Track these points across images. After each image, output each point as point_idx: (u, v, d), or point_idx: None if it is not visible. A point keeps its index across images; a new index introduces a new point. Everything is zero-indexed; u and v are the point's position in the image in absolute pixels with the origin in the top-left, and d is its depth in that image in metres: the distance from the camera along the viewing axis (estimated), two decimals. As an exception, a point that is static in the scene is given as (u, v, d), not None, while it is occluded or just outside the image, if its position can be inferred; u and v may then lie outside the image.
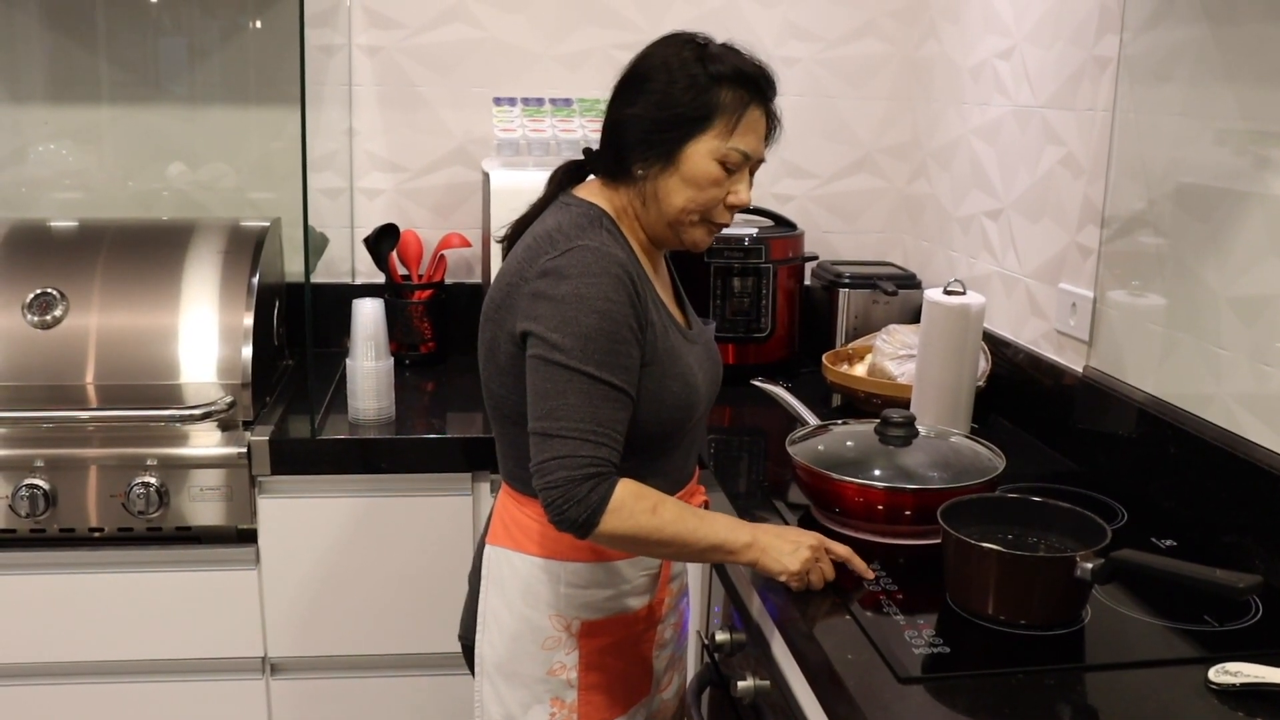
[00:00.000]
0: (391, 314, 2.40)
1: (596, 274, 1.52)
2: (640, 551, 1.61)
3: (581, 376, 1.50)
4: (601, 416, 1.51)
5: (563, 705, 1.70)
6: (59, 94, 2.73)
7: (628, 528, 1.51)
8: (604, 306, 1.51)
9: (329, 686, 2.38)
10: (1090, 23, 2.07)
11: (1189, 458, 1.80)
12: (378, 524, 2.30)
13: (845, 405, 2.43)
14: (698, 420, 1.72)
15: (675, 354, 1.63)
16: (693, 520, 1.57)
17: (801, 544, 1.57)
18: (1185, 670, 1.37)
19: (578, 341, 1.50)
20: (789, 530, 1.61)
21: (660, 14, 2.80)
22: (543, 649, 1.69)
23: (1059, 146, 2.18)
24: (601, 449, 1.51)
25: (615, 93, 1.66)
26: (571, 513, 1.49)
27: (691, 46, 1.62)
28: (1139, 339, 1.95)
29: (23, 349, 2.27)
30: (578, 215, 1.62)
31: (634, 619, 1.74)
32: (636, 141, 1.60)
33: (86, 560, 2.24)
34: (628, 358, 1.54)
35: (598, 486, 1.50)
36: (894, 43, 2.91)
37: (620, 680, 1.75)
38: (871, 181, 2.99)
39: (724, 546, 1.57)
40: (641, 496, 1.53)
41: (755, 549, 1.56)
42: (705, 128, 1.58)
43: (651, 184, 1.62)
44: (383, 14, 2.75)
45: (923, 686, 1.33)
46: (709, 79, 1.58)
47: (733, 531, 1.58)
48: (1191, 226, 1.81)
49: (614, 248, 1.57)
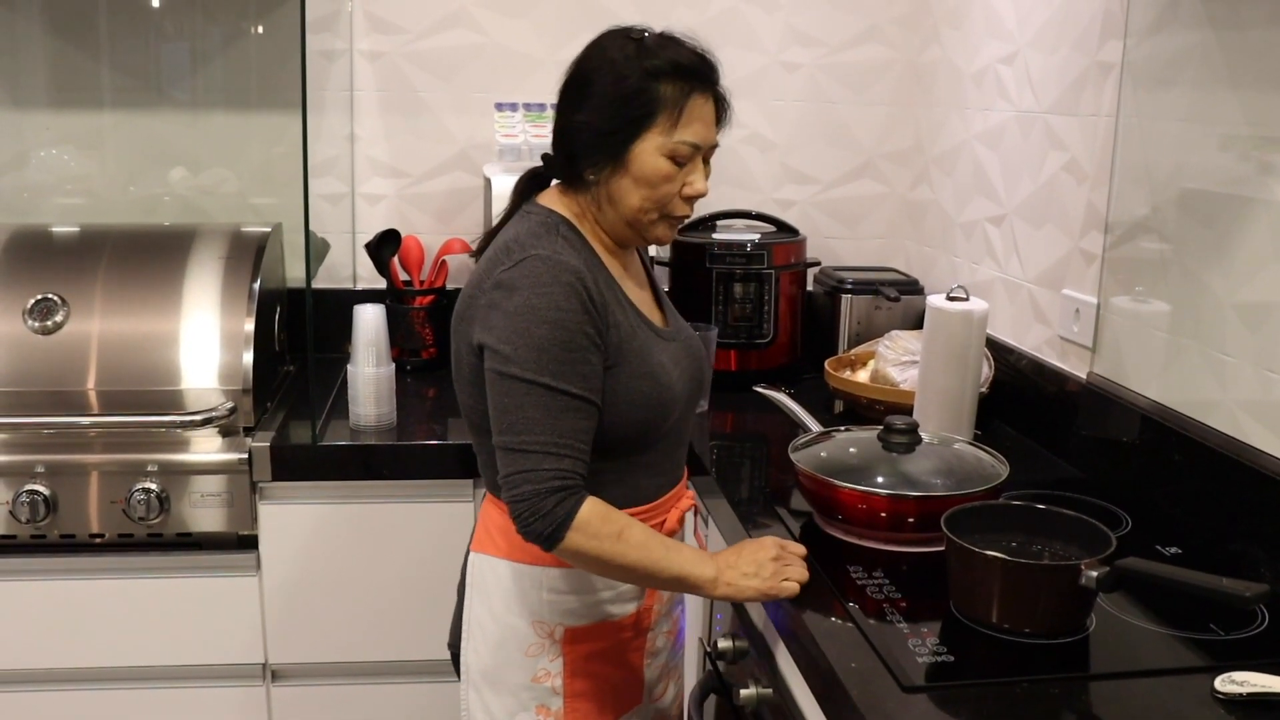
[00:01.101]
0: (393, 320, 2.40)
1: (547, 283, 1.52)
2: (604, 574, 1.60)
3: (538, 388, 1.50)
4: (562, 428, 1.51)
5: (549, 713, 1.69)
6: (61, 99, 2.73)
7: (591, 548, 1.51)
8: (555, 316, 1.51)
9: (330, 693, 2.37)
10: (1094, 28, 2.07)
11: (1194, 465, 1.79)
12: (379, 530, 2.29)
13: (848, 411, 2.42)
14: (678, 418, 1.71)
15: (644, 353, 1.62)
16: (659, 550, 1.56)
17: (761, 559, 1.57)
18: (1191, 680, 1.36)
19: (531, 353, 1.50)
20: (743, 549, 1.60)
21: (661, 19, 2.76)
22: (527, 656, 1.68)
23: (1062, 152, 2.17)
24: (564, 460, 1.50)
25: (560, 97, 1.65)
26: (536, 526, 1.50)
27: (628, 43, 1.60)
28: (1143, 345, 1.94)
29: (24, 354, 2.27)
30: (535, 224, 1.61)
31: (620, 626, 1.72)
32: (584, 146, 1.60)
33: (87, 566, 2.24)
34: (585, 365, 1.53)
35: (563, 501, 1.50)
36: (896, 48, 2.90)
37: (609, 688, 1.73)
38: (874, 187, 2.99)
39: (688, 579, 1.57)
40: (608, 520, 1.53)
41: (722, 584, 1.56)
42: (649, 125, 1.57)
43: (604, 187, 1.61)
44: (384, 19, 2.75)
45: (926, 695, 1.32)
46: (645, 76, 1.56)
47: (698, 565, 1.57)
48: (1196, 232, 1.81)
49: (568, 255, 1.56)
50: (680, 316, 1.82)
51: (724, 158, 2.91)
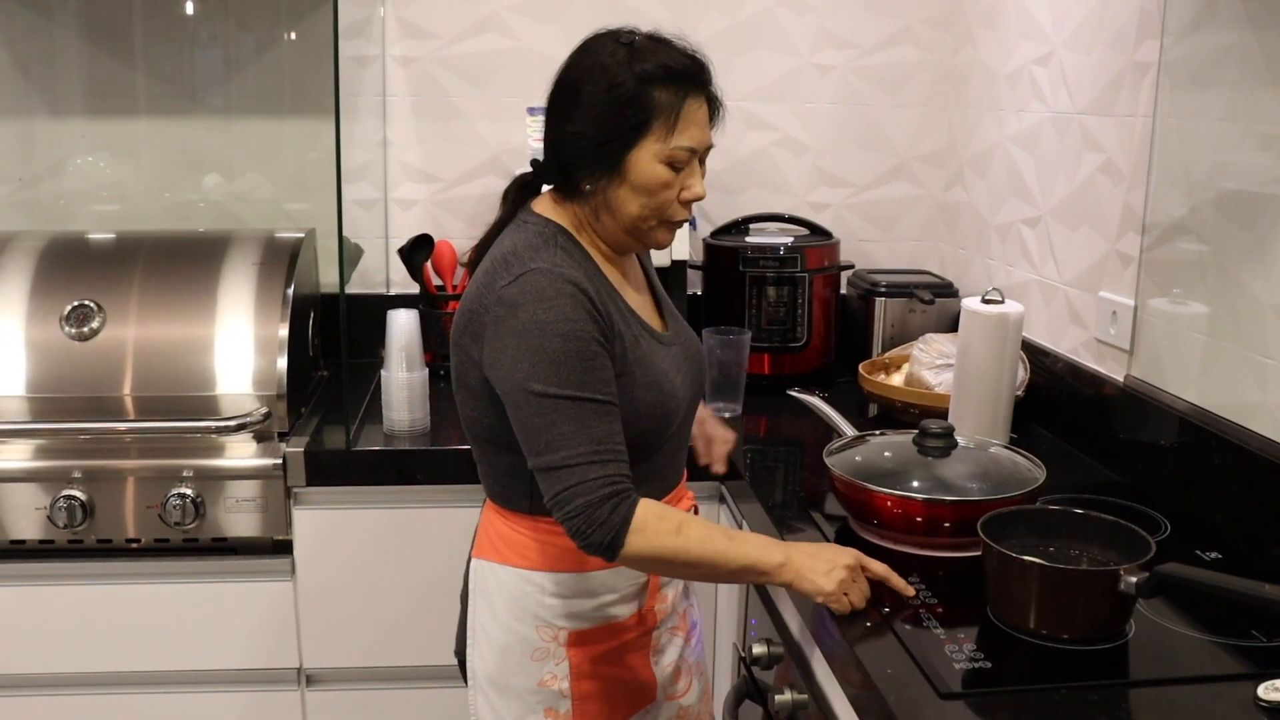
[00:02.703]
0: (426, 325, 2.40)
1: (551, 296, 1.51)
2: (669, 573, 1.60)
3: (565, 401, 1.49)
4: (597, 434, 1.50)
5: (557, 715, 1.69)
6: (96, 107, 2.76)
7: (653, 548, 1.50)
8: (566, 328, 1.50)
9: (364, 698, 2.38)
10: (1130, 28, 2.05)
11: (1234, 468, 1.77)
12: (413, 535, 2.29)
13: (882, 415, 2.41)
14: (680, 424, 1.71)
15: (647, 362, 1.62)
16: (722, 541, 1.54)
17: (837, 563, 1.53)
18: (1233, 687, 1.34)
19: (550, 369, 1.49)
20: (824, 548, 1.57)
21: (694, 22, 2.79)
22: (532, 660, 1.68)
23: (1098, 153, 2.16)
24: (609, 466, 1.50)
25: (549, 106, 1.62)
26: (595, 536, 1.49)
27: (619, 48, 1.57)
28: (1181, 348, 1.92)
29: (60, 361, 2.29)
30: (533, 235, 1.60)
31: (623, 627, 1.72)
32: (579, 157, 1.58)
33: (123, 571, 2.25)
34: (603, 369, 1.53)
35: (619, 507, 1.49)
36: (930, 49, 2.89)
37: (618, 689, 1.73)
38: (907, 189, 2.97)
39: (756, 567, 1.54)
40: (664, 517, 1.52)
41: (789, 570, 1.53)
42: (644, 133, 1.55)
43: (602, 196, 1.59)
44: (416, 25, 2.76)
45: (964, 702, 1.31)
46: (638, 82, 1.54)
47: (765, 552, 1.55)
48: (1234, 233, 1.79)
49: (567, 267, 1.55)
50: (680, 318, 1.81)
51: (757, 161, 2.91)
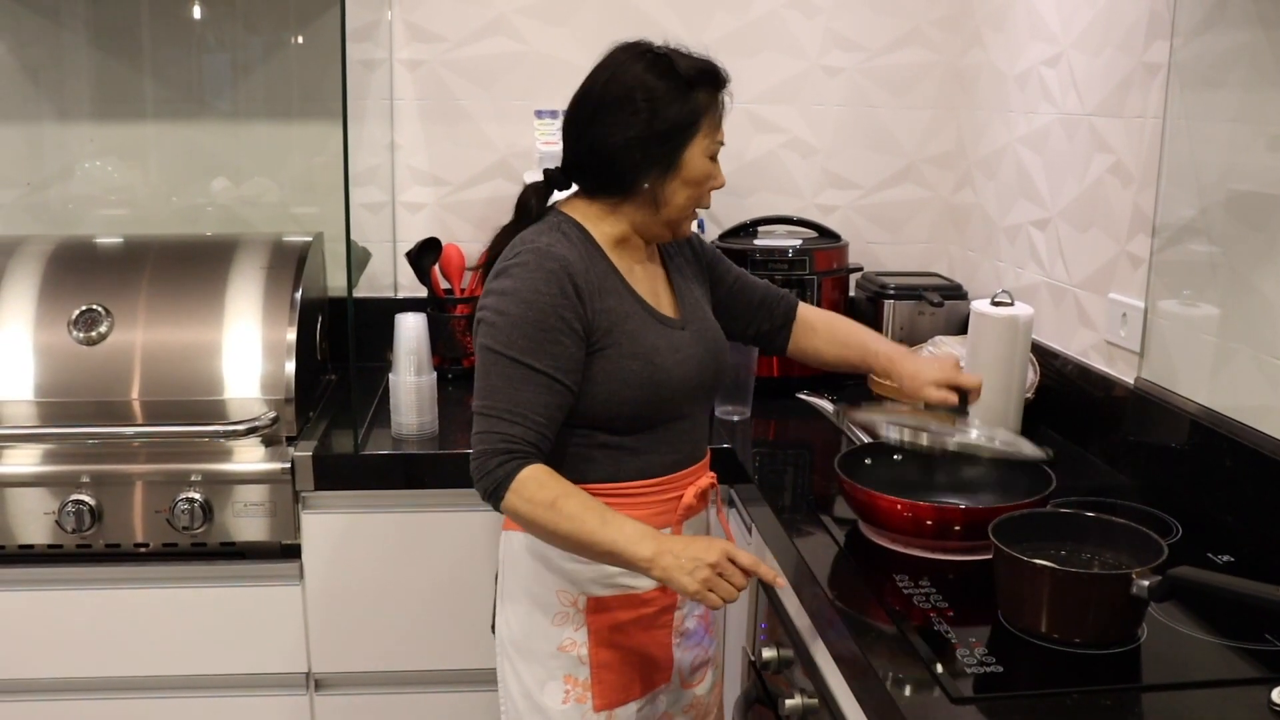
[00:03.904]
0: (434, 328, 2.40)
1: (532, 269, 1.63)
2: (545, 540, 1.66)
3: (505, 360, 1.62)
4: (520, 398, 1.61)
5: (576, 682, 1.75)
6: (104, 111, 2.76)
7: (525, 511, 1.60)
8: (531, 298, 1.62)
9: (373, 702, 2.37)
10: (1139, 28, 2.04)
11: (1246, 471, 1.76)
12: (421, 539, 2.29)
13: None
14: (684, 400, 1.76)
15: (637, 335, 1.70)
16: (593, 522, 1.58)
17: (701, 561, 1.54)
18: (1246, 691, 1.33)
19: (504, 331, 1.62)
20: (693, 543, 1.58)
21: (702, 25, 2.79)
22: (553, 625, 1.75)
23: (1108, 154, 2.15)
24: (516, 428, 1.60)
25: (590, 118, 1.71)
26: (482, 484, 1.62)
27: (655, 58, 1.70)
28: (1192, 350, 1.91)
29: (68, 365, 2.28)
30: (542, 226, 1.72)
31: (642, 600, 1.76)
32: (639, 161, 1.69)
33: (131, 576, 2.25)
34: (556, 345, 1.62)
35: (506, 463, 1.60)
36: (938, 51, 2.88)
37: (635, 661, 1.78)
38: (916, 191, 2.96)
39: (622, 555, 1.58)
40: (543, 487, 1.59)
41: (656, 568, 1.56)
42: (697, 131, 1.70)
43: (656, 191, 1.72)
44: (424, 28, 2.76)
45: (975, 707, 1.30)
46: (686, 85, 1.69)
47: (634, 544, 1.57)
48: (1245, 234, 1.78)
49: (561, 247, 1.67)
50: (702, 311, 1.86)
51: (765, 163, 2.91)
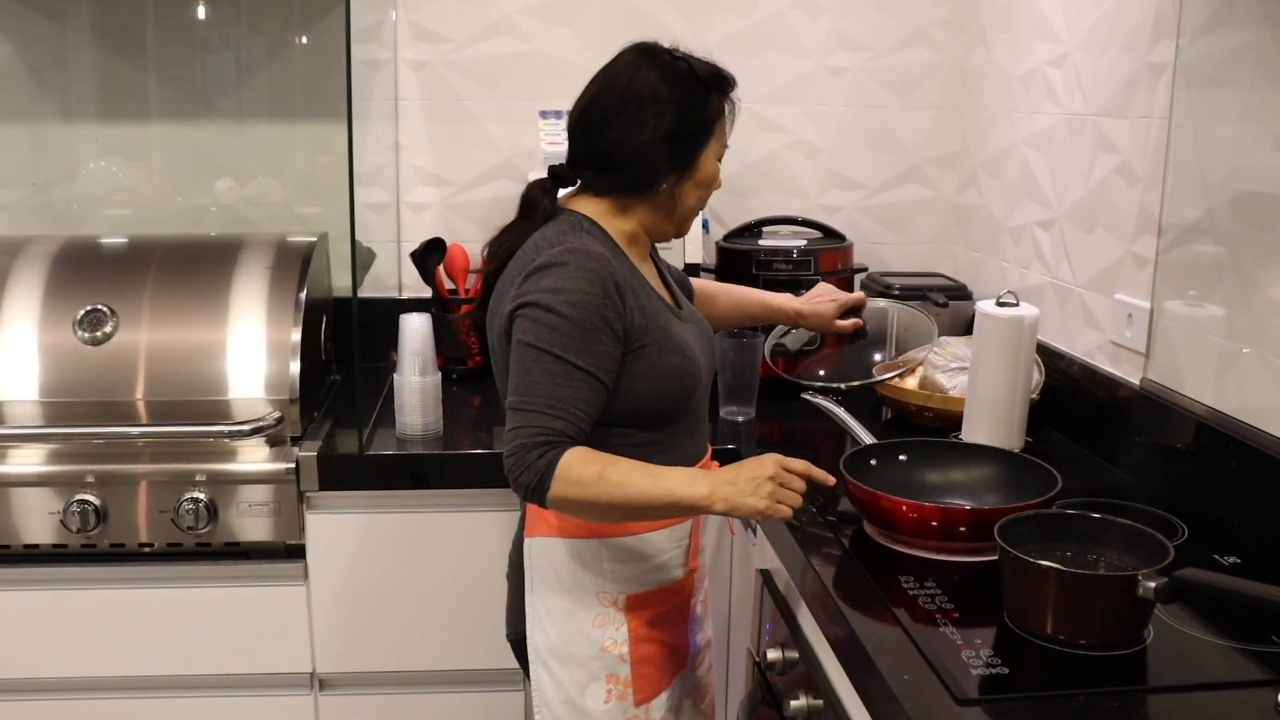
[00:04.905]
0: (439, 328, 2.40)
1: (574, 269, 1.62)
2: (598, 518, 1.66)
3: (547, 356, 1.60)
4: (561, 395, 1.60)
5: (618, 681, 1.76)
6: (109, 111, 2.76)
7: (574, 495, 1.57)
8: (575, 297, 1.61)
9: (378, 702, 2.37)
10: (1145, 28, 2.04)
11: (1252, 472, 1.75)
12: (426, 539, 2.29)
13: (896, 419, 2.39)
14: (702, 393, 1.80)
15: (669, 332, 1.72)
16: (645, 479, 1.59)
17: (759, 477, 1.59)
18: (1254, 693, 1.33)
19: (546, 328, 1.61)
20: (743, 467, 1.61)
21: (705, 25, 2.79)
22: (594, 627, 1.75)
23: (1113, 155, 2.14)
24: (557, 422, 1.59)
25: (610, 118, 1.71)
26: (524, 478, 1.58)
27: (674, 60, 1.72)
28: (1198, 350, 1.91)
29: (73, 365, 2.29)
30: (561, 224, 1.72)
31: (673, 591, 1.81)
32: (660, 162, 1.70)
33: (136, 575, 2.25)
34: (597, 344, 1.62)
35: (546, 453, 1.57)
36: (943, 51, 2.88)
37: (667, 652, 1.81)
38: (921, 192, 2.96)
39: (681, 502, 1.59)
40: (587, 463, 1.58)
41: (718, 500, 1.58)
42: (712, 133, 1.74)
43: (672, 192, 1.74)
44: (428, 28, 2.76)
45: (981, 708, 1.30)
46: (703, 88, 1.71)
47: (688, 486, 1.59)
48: (1252, 235, 1.77)
49: (595, 245, 1.67)
50: (689, 302, 1.93)
51: (769, 163, 2.91)
